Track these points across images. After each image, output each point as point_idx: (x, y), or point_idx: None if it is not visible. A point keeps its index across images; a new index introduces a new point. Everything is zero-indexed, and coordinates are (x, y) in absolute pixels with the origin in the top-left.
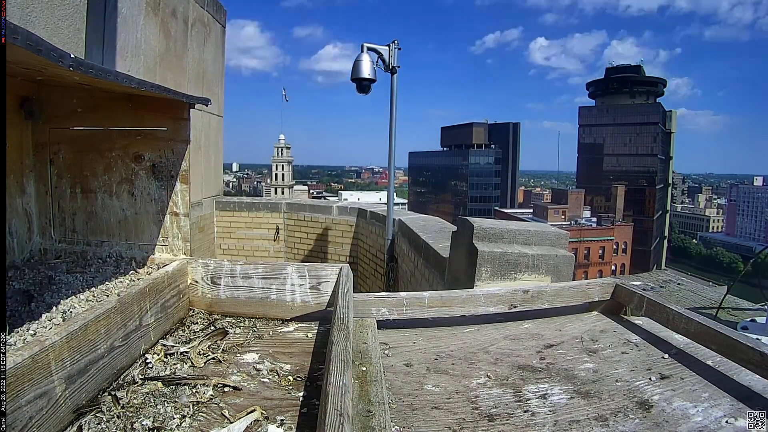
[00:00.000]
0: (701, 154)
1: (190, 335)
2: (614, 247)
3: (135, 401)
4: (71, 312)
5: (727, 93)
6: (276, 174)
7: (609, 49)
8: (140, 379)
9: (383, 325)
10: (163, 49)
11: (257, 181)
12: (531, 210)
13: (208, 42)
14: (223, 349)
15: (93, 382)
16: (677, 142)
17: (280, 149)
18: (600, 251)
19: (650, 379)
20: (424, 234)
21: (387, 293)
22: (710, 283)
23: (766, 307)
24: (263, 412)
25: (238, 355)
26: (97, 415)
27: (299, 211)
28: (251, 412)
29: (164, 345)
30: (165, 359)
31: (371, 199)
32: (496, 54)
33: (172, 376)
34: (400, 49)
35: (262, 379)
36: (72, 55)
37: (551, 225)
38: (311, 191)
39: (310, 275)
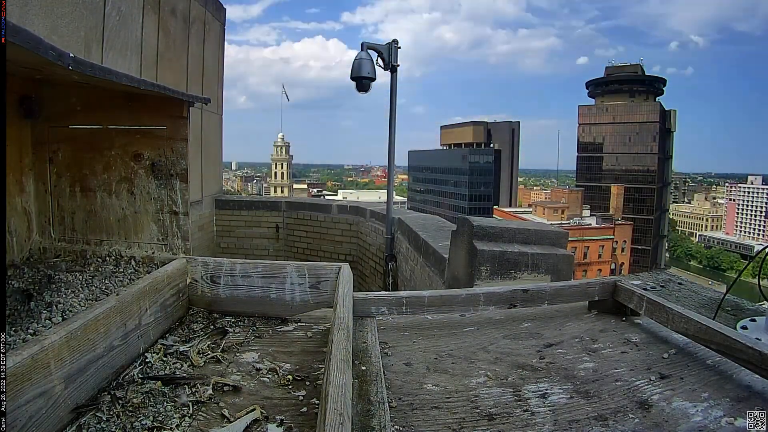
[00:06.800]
0: (701, 152)
1: (190, 334)
2: (614, 246)
3: (134, 400)
4: (71, 311)
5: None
6: (275, 173)
7: None
8: (140, 378)
9: (383, 324)
10: (162, 48)
11: (257, 178)
12: (531, 209)
13: (208, 40)
14: (222, 349)
15: (92, 382)
16: (677, 141)
17: (279, 148)
18: (599, 250)
19: (650, 378)
20: (424, 233)
21: (387, 292)
22: (710, 282)
23: (765, 306)
24: (263, 411)
25: (238, 354)
26: (97, 414)
27: (299, 209)
28: (251, 411)
29: (164, 344)
30: (164, 358)
31: (371, 198)
32: None
33: (172, 375)
34: (399, 47)
35: (261, 379)
36: (71, 54)
37: (551, 224)
38: (311, 190)
39: (310, 274)
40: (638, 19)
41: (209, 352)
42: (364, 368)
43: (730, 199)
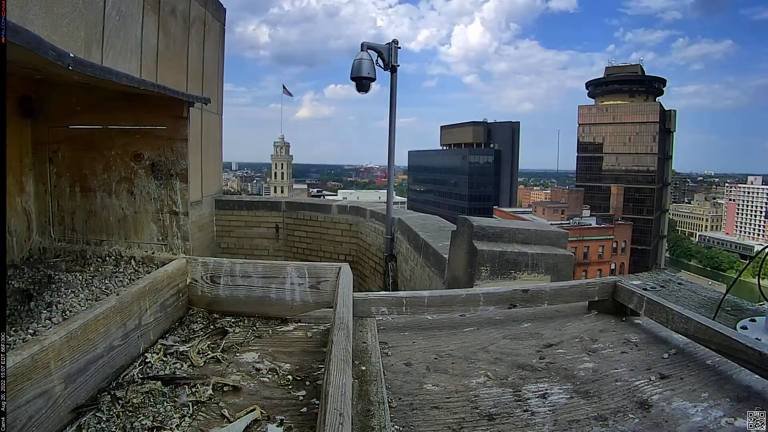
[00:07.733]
0: (701, 152)
1: (190, 334)
2: (613, 246)
3: (134, 400)
4: (71, 311)
5: None
6: (275, 173)
7: None
8: (140, 378)
9: (383, 324)
10: (162, 48)
11: (257, 178)
12: (531, 209)
13: (208, 40)
14: (222, 349)
15: (92, 382)
16: (677, 141)
17: (279, 148)
18: (599, 250)
19: (650, 378)
20: (424, 233)
21: (387, 293)
22: (710, 282)
23: (765, 306)
24: (263, 411)
25: (238, 354)
26: (97, 414)
27: (299, 210)
28: (251, 411)
29: (164, 344)
30: (164, 358)
31: (371, 198)
32: None
33: (172, 375)
34: (399, 48)
35: (261, 379)
36: (71, 54)
37: (551, 224)
38: (310, 190)
39: (310, 274)
40: None
41: (209, 352)
42: (364, 368)
43: (730, 199)
